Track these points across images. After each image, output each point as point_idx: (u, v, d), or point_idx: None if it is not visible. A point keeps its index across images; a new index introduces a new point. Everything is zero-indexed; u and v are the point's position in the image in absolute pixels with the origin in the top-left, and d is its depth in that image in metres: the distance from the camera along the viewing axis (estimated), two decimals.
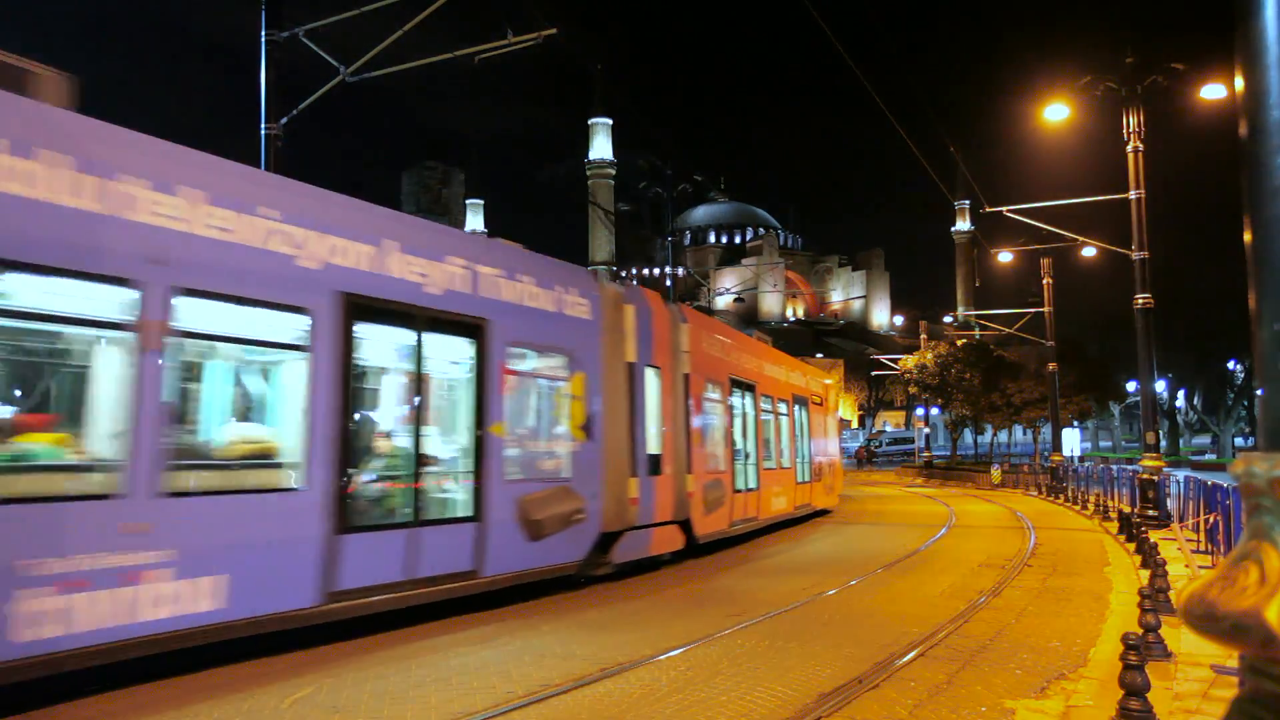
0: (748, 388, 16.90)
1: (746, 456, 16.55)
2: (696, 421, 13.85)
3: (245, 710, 5.91)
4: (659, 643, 7.76)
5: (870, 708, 5.89)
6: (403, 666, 7.08)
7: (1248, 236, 1.69)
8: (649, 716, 5.76)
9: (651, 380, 12.73)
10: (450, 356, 9.49)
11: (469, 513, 9.10)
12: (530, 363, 10.43)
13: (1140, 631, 6.35)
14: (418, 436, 8.71)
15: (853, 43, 45.53)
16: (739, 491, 15.74)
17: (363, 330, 8.12)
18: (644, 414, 12.30)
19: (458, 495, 9.23)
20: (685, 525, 13.33)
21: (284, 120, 12.98)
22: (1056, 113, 18.25)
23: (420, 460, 8.72)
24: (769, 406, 18.27)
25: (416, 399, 8.77)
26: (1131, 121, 17.51)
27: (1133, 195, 17.73)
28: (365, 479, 8.37)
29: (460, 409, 9.53)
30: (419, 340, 8.76)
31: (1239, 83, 1.72)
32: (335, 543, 7.54)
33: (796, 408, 20.62)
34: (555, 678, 6.63)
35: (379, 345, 8.71)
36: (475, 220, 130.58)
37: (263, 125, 12.83)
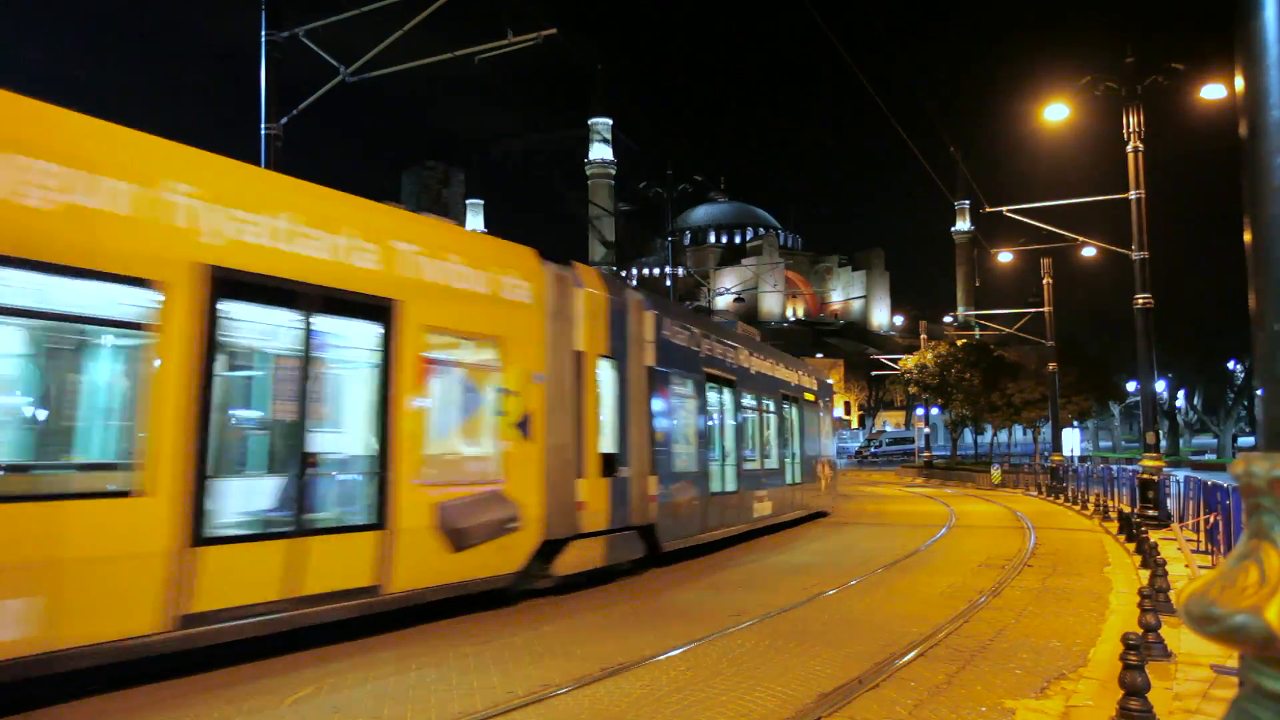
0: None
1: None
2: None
3: (245, 710, 5.91)
4: (659, 643, 7.77)
5: (870, 708, 5.89)
6: (402, 666, 7.09)
7: (1248, 236, 1.69)
8: (649, 716, 5.77)
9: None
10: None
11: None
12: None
13: (1140, 631, 6.34)
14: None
15: (853, 43, 45.63)
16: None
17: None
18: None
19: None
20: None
21: (284, 120, 12.99)
22: (1056, 113, 18.26)
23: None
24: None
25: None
26: (1131, 121, 17.51)
27: (1133, 195, 17.73)
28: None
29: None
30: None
31: (1239, 83, 1.72)
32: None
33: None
34: (556, 678, 6.63)
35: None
36: (475, 220, 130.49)
37: (263, 125, 12.83)
